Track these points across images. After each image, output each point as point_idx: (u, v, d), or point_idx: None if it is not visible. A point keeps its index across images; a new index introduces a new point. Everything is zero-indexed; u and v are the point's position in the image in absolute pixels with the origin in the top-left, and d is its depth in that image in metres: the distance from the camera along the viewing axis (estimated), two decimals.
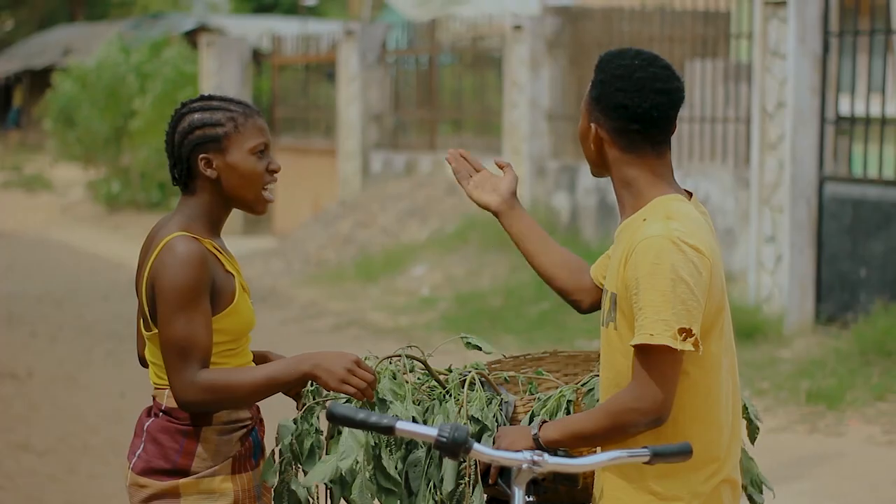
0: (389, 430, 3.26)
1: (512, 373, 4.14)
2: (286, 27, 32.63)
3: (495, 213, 4.05)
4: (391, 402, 3.85)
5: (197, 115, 3.91)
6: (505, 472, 3.74)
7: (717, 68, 14.03)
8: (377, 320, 13.88)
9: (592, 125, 3.58)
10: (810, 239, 11.70)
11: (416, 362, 4.05)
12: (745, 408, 4.05)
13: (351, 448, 3.76)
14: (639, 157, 3.57)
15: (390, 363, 3.99)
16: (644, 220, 3.50)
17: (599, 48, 14.98)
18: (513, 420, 3.92)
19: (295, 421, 3.86)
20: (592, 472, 3.78)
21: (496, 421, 3.88)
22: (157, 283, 3.77)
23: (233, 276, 3.87)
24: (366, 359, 3.90)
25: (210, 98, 3.99)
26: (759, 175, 11.93)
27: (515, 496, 3.36)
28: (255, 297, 14.85)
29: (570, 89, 15.85)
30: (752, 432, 4.08)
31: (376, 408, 3.83)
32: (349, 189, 19.04)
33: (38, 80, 39.56)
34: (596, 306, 3.92)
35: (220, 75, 22.10)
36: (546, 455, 3.34)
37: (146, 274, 3.80)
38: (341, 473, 3.76)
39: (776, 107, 11.78)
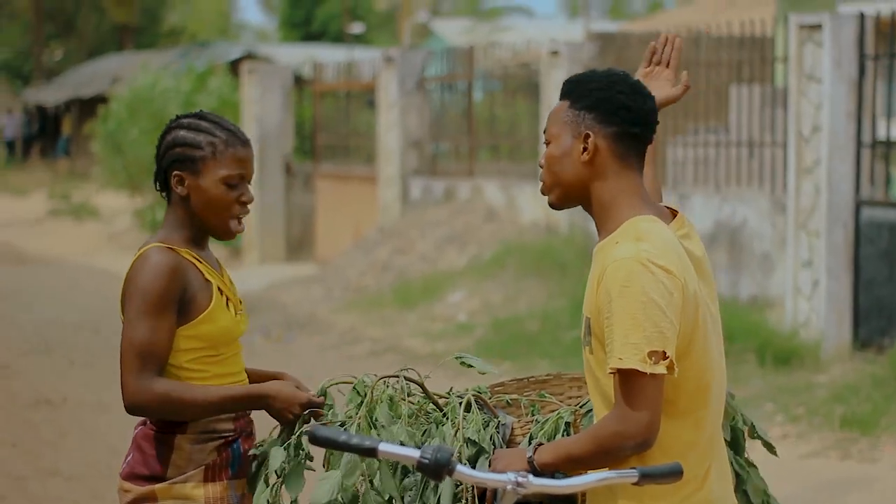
0: (372, 451, 3.22)
1: (515, 395, 4.11)
2: (332, 55, 32.78)
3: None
4: (383, 427, 3.84)
5: (181, 133, 3.99)
6: (497, 493, 3.72)
7: (756, 93, 13.97)
8: (414, 346, 13.86)
9: (586, 135, 3.53)
10: (847, 264, 11.60)
11: (415, 385, 4.04)
12: (752, 427, 4.02)
13: (355, 464, 3.74)
14: (625, 170, 3.56)
15: (386, 386, 3.98)
16: (616, 242, 3.48)
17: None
18: (510, 443, 3.89)
19: (286, 447, 3.87)
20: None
21: (493, 444, 3.86)
22: (126, 289, 3.88)
23: (212, 284, 3.95)
24: (362, 379, 3.91)
25: (202, 117, 4.05)
26: (796, 200, 11.84)
27: None
28: (294, 323, 14.95)
29: None
30: (769, 448, 4.09)
31: (370, 430, 3.82)
32: (389, 216, 19.05)
33: (87, 109, 39.89)
34: None
35: (261, 103, 22.18)
36: (530, 476, 3.29)
37: (123, 282, 3.93)
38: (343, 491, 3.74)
39: (812, 131, 11.70)
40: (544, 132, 3.63)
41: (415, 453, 3.17)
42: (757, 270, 13.12)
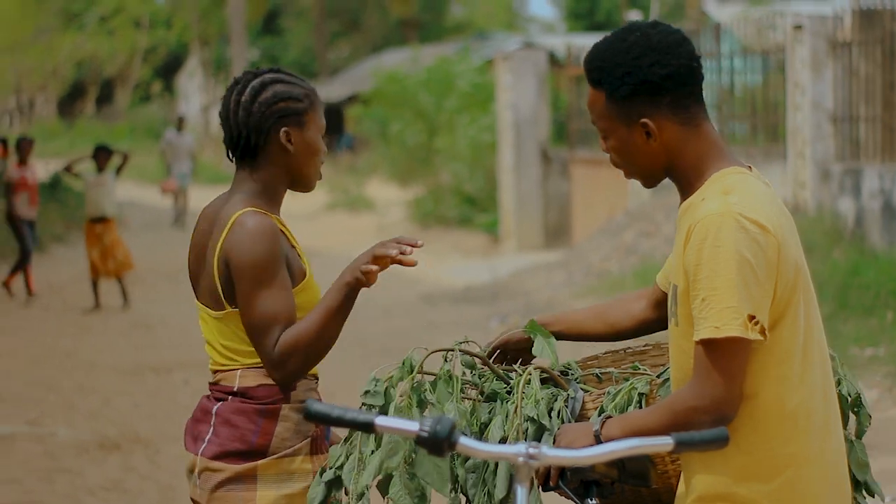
0: (369, 426, 3.00)
1: (609, 368, 3.90)
2: None
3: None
4: (432, 404, 3.61)
5: (279, 87, 3.82)
6: (566, 473, 3.50)
7: None
8: None
9: (642, 124, 3.26)
10: None
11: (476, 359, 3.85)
12: (857, 398, 3.71)
13: (398, 444, 3.52)
14: (696, 127, 3.29)
15: (445, 361, 3.79)
16: (703, 199, 3.21)
17: (885, 47, 14.34)
18: (581, 417, 3.64)
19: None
20: (670, 470, 3.50)
21: (561, 419, 3.65)
22: (234, 261, 3.70)
23: (296, 250, 3.82)
24: (410, 355, 3.70)
25: (279, 70, 3.91)
26: None
27: (518, 496, 3.01)
28: (533, 309, 14.82)
29: (858, 89, 15.15)
30: (861, 426, 3.71)
31: (425, 408, 3.61)
32: (638, 199, 18.74)
33: (368, 104, 40.59)
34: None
35: (516, 89, 22.12)
36: (543, 448, 2.98)
37: (217, 253, 3.74)
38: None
39: None
40: (593, 123, 3.39)
41: (414, 426, 2.95)
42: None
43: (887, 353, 11.42)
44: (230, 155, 3.89)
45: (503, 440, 3.64)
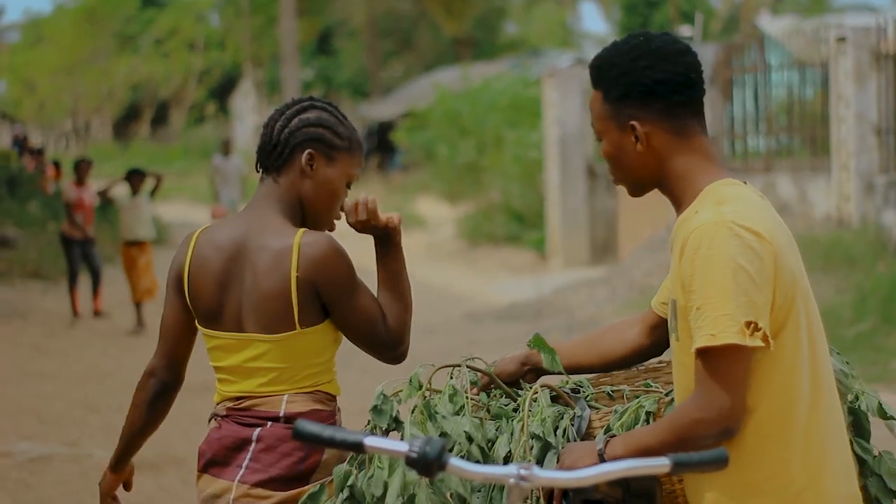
0: (359, 446, 2.96)
1: (622, 386, 3.84)
2: None
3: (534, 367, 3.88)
4: (444, 418, 3.60)
5: (324, 115, 3.87)
6: (569, 494, 3.46)
7: None
8: None
9: (631, 126, 3.25)
10: None
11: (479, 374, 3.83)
12: (880, 405, 3.63)
13: None
14: (689, 140, 3.25)
15: (451, 378, 3.77)
16: (696, 212, 3.16)
17: None
18: (588, 435, 3.60)
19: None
20: (677, 489, 3.44)
21: (566, 438, 3.60)
22: (327, 279, 3.73)
23: None
24: (416, 371, 3.71)
25: (337, 109, 3.95)
26: None
27: None
28: (576, 326, 14.75)
29: None
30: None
31: (431, 424, 3.58)
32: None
33: (419, 122, 40.65)
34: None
35: (562, 106, 22.06)
36: (535, 469, 2.89)
37: (293, 278, 3.71)
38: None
39: None
40: (592, 125, 3.38)
41: (403, 447, 2.89)
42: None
43: None
44: (256, 164, 3.92)
45: (508, 457, 3.61)
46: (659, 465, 2.92)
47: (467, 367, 3.83)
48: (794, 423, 3.14)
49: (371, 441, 2.96)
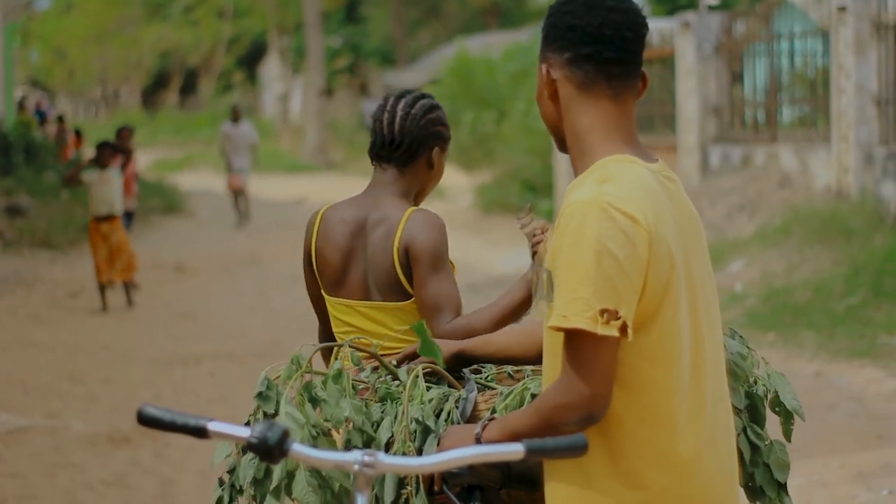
0: (202, 431, 2.91)
1: (527, 367, 3.81)
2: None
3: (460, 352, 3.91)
4: (325, 402, 3.56)
5: (441, 113, 4.30)
6: (450, 478, 3.43)
7: None
8: None
9: (543, 68, 3.15)
10: None
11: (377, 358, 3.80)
12: (776, 396, 3.62)
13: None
14: (593, 99, 3.11)
15: (335, 360, 3.75)
16: (581, 184, 3.04)
17: None
18: (473, 418, 3.56)
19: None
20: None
21: (451, 420, 3.57)
22: (414, 248, 4.07)
23: None
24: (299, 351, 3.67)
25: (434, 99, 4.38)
26: None
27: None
28: None
29: None
30: (786, 427, 3.65)
31: (317, 406, 3.54)
32: (687, 184, 18.51)
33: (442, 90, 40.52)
34: None
35: None
36: (379, 455, 2.84)
37: (396, 248, 4.08)
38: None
39: None
40: None
41: (245, 432, 2.85)
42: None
43: None
44: (375, 155, 4.28)
45: (391, 441, 3.58)
46: (512, 451, 2.88)
47: (349, 346, 3.80)
48: (673, 407, 3.05)
49: (214, 426, 2.91)
